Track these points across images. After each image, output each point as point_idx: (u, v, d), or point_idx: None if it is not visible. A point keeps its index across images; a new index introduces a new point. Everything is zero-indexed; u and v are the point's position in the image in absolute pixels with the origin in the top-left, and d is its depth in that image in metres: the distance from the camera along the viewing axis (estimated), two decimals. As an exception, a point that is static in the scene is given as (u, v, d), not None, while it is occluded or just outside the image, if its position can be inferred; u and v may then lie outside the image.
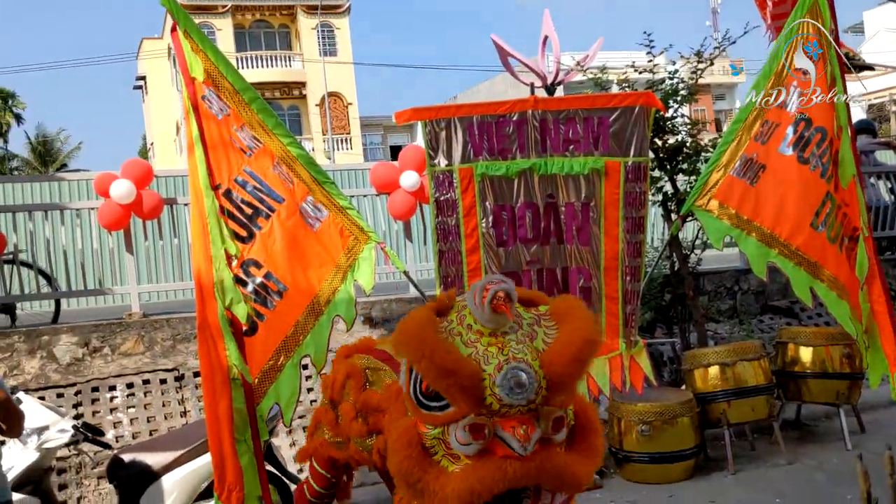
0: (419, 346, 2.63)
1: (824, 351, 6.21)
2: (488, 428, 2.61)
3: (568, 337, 2.70)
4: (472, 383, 2.59)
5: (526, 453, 2.60)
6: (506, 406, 2.60)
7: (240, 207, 4.32)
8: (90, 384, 6.09)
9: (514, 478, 2.58)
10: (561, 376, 2.66)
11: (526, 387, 2.60)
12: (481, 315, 2.73)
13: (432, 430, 2.74)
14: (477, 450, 2.63)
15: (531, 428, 2.60)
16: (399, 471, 2.75)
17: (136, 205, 6.55)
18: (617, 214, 5.33)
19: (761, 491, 5.28)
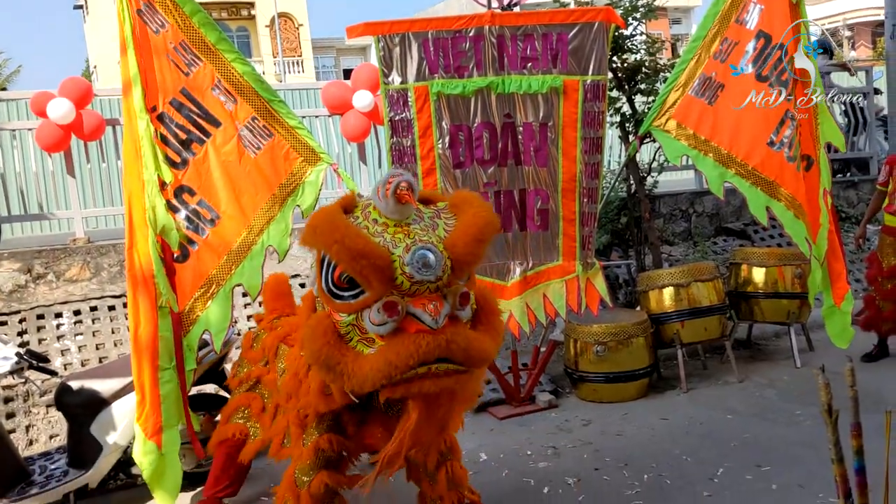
0: (331, 233, 2.78)
1: (776, 271, 6.28)
2: (401, 305, 2.78)
3: (468, 220, 2.96)
4: (383, 263, 2.76)
5: (437, 326, 2.78)
6: (416, 284, 2.80)
7: (174, 132, 4.15)
8: (35, 311, 5.91)
9: (427, 350, 2.74)
10: (464, 255, 2.90)
11: (433, 265, 2.81)
12: (386, 206, 2.92)
13: (346, 318, 2.89)
14: (391, 329, 2.80)
15: (440, 304, 2.81)
16: (318, 357, 2.87)
17: (75, 125, 6.27)
18: (575, 135, 5.25)
19: (713, 408, 5.38)
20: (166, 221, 4.00)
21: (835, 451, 1.53)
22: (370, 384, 2.82)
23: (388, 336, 2.82)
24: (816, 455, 4.35)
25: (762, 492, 4.01)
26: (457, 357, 2.83)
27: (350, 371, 2.84)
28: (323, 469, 3.38)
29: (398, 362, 2.75)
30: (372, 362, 2.80)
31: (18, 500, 4.16)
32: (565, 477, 4.43)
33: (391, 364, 2.75)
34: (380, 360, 2.78)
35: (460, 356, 2.84)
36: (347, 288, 2.87)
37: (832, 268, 5.06)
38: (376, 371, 2.78)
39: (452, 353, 2.81)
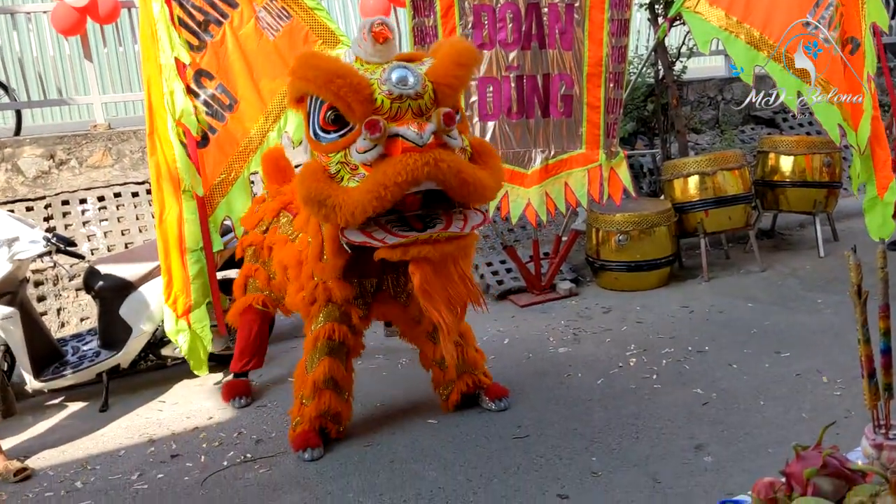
0: (310, 65, 2.92)
1: (804, 160, 6.16)
2: (383, 122, 2.85)
3: (446, 49, 3.11)
4: (361, 82, 2.86)
5: (423, 143, 2.85)
6: (396, 101, 2.89)
7: (191, 14, 4.05)
8: (59, 197, 5.94)
9: (415, 166, 2.80)
10: (445, 77, 3.01)
11: (411, 83, 2.90)
12: (367, 50, 3.02)
13: (335, 157, 2.99)
14: (377, 155, 2.89)
15: (424, 123, 2.89)
16: (308, 195, 2.95)
17: (90, 8, 6.13)
18: (602, 17, 5.08)
19: (734, 297, 5.39)
20: (185, 106, 3.96)
21: (861, 332, 1.51)
22: (361, 209, 2.85)
23: (375, 162, 2.89)
24: (836, 342, 4.37)
25: (781, 377, 4.05)
26: (449, 180, 2.87)
27: (341, 201, 2.88)
28: (327, 356, 3.50)
29: (386, 181, 2.80)
30: (361, 186, 2.88)
31: (53, 378, 4.31)
32: (584, 362, 4.50)
33: (380, 183, 2.80)
34: (368, 181, 2.85)
35: (453, 179, 2.88)
36: (334, 129, 2.99)
37: (876, 156, 4.78)
38: (366, 192, 2.83)
39: (443, 174, 2.84)
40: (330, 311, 3.55)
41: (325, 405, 3.55)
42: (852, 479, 1.29)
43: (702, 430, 3.58)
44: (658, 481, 3.16)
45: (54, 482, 3.60)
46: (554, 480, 3.24)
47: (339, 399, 3.61)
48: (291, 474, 3.48)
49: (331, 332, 3.52)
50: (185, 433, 4.02)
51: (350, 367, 3.68)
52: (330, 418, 3.61)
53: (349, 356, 3.65)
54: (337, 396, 3.59)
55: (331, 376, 3.52)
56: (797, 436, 3.31)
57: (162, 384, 4.66)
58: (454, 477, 3.33)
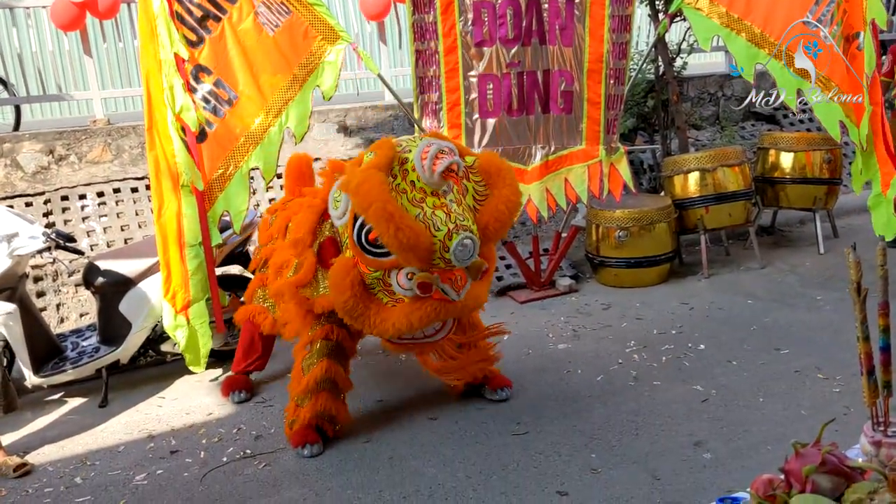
0: (382, 209, 2.90)
1: (805, 156, 6.16)
2: (435, 285, 3.07)
3: (499, 203, 3.19)
4: (427, 250, 3.00)
5: (458, 300, 3.14)
6: (450, 266, 3.07)
7: (189, 9, 4.03)
8: (59, 193, 5.94)
9: (444, 315, 3.17)
10: (493, 236, 3.26)
11: (471, 252, 3.07)
12: (428, 179, 3.08)
13: (374, 273, 3.18)
14: (416, 293, 3.10)
15: (464, 279, 3.12)
16: (344, 308, 3.20)
17: (90, 3, 6.12)
18: (603, 13, 5.07)
19: (734, 293, 5.39)
20: (184, 101, 3.96)
21: (861, 329, 1.51)
22: (389, 336, 3.26)
23: (411, 298, 3.13)
24: (835, 339, 4.38)
25: (780, 374, 4.05)
26: (460, 315, 3.40)
27: (373, 322, 3.20)
28: (325, 357, 3.56)
29: (418, 325, 3.13)
30: (395, 319, 3.14)
31: (53, 374, 4.31)
32: (584, 358, 4.50)
33: (412, 325, 3.12)
34: (403, 319, 3.12)
35: (463, 315, 3.47)
36: (380, 247, 3.06)
37: (879, 152, 4.76)
38: (398, 328, 3.14)
39: (460, 314, 3.35)
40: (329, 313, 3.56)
41: (322, 406, 3.57)
42: (851, 476, 1.29)
43: (701, 426, 3.58)
44: (657, 478, 3.17)
45: (54, 478, 3.60)
46: (553, 477, 3.24)
47: (335, 400, 3.63)
48: (291, 470, 3.48)
49: (328, 333, 3.56)
50: (185, 429, 4.02)
51: (347, 369, 3.69)
52: (326, 419, 3.62)
53: (347, 359, 3.67)
54: (333, 398, 3.61)
55: (329, 377, 3.54)
56: (796, 432, 3.31)
57: (161, 380, 4.66)
58: (453, 473, 3.33)
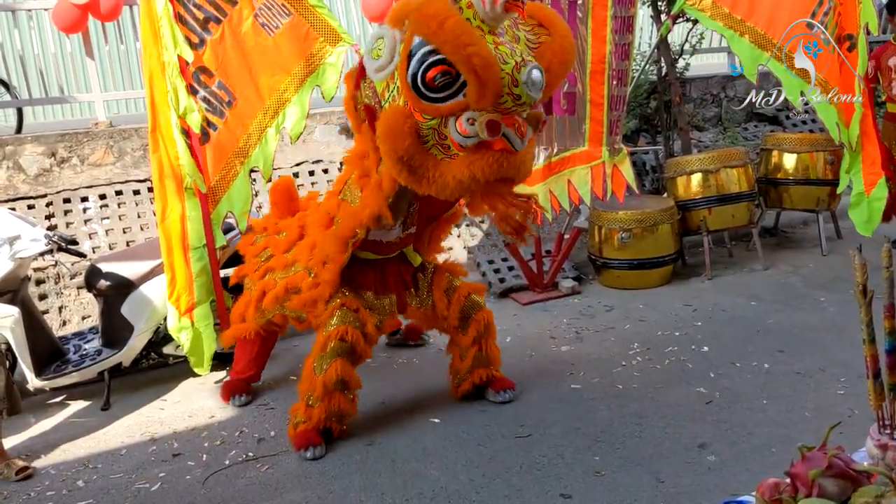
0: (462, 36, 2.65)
1: (808, 157, 6.14)
2: (503, 126, 2.79)
3: (560, 44, 2.96)
4: (499, 79, 2.71)
5: (521, 149, 2.88)
6: (518, 104, 2.80)
7: (191, 11, 4.03)
8: (61, 195, 5.94)
9: (506, 169, 2.85)
10: (555, 80, 2.98)
11: (540, 86, 2.83)
12: (486, 12, 2.76)
13: (430, 121, 2.85)
14: (478, 142, 2.81)
15: (525, 126, 2.87)
16: (400, 155, 2.87)
17: (92, 5, 6.11)
18: (605, 14, 5.04)
19: (737, 295, 5.38)
20: (187, 103, 3.96)
21: (867, 332, 1.49)
22: (449, 193, 2.95)
23: (470, 148, 2.83)
24: (839, 341, 4.36)
25: (783, 375, 4.04)
26: (520, 176, 3.03)
27: (432, 176, 2.90)
28: (339, 357, 3.50)
29: (481, 178, 2.83)
30: (456, 172, 2.86)
31: (55, 377, 4.30)
32: (587, 360, 4.48)
33: (474, 178, 2.83)
34: (465, 172, 2.83)
35: (521, 178, 3.06)
36: (438, 90, 2.77)
37: (865, 153, 4.87)
38: (458, 182, 2.87)
39: (520, 174, 3.00)
40: (344, 314, 3.56)
41: (336, 407, 3.56)
42: (857, 480, 1.28)
43: (705, 429, 3.57)
44: (661, 480, 3.15)
45: (56, 481, 3.60)
46: (557, 480, 3.23)
47: (347, 400, 3.62)
48: (293, 473, 3.47)
49: (343, 334, 3.51)
50: (187, 432, 4.02)
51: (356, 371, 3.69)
52: (335, 418, 3.61)
53: (358, 362, 3.65)
54: (345, 398, 3.60)
55: (341, 378, 3.51)
56: (800, 435, 3.30)
57: (164, 383, 4.66)
58: (456, 476, 3.32)
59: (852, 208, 4.96)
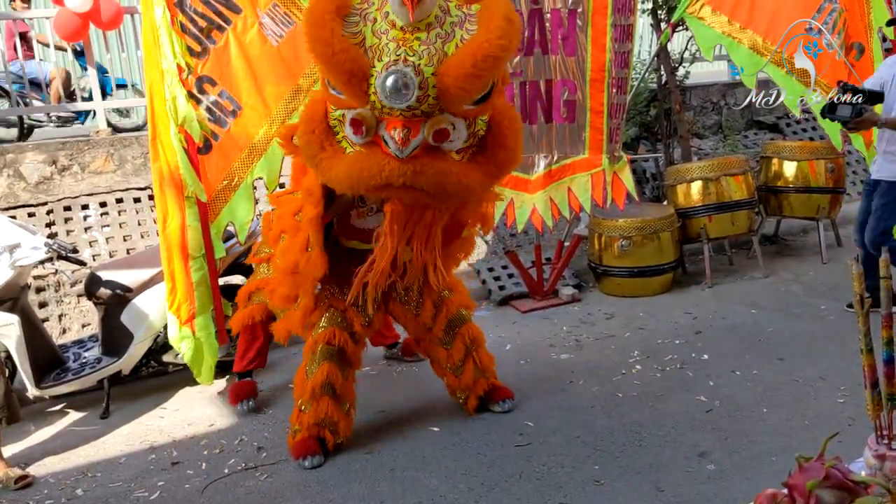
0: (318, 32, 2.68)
1: (808, 165, 6.14)
2: (366, 125, 2.73)
3: (471, 48, 2.67)
4: (357, 77, 2.65)
5: (402, 156, 2.71)
6: (387, 108, 2.69)
7: (193, 20, 4.03)
8: (61, 203, 5.94)
9: (390, 176, 2.72)
10: (453, 88, 2.68)
11: (404, 93, 2.63)
12: (392, 4, 2.71)
13: (335, 112, 2.89)
14: (364, 142, 2.79)
15: (413, 132, 2.68)
16: (303, 145, 2.97)
17: (93, 14, 6.14)
18: (605, 22, 5.06)
19: (737, 303, 5.37)
20: (187, 112, 3.95)
21: (864, 342, 1.49)
22: (337, 186, 2.94)
23: (364, 146, 2.82)
24: (839, 349, 4.35)
25: (784, 384, 4.03)
26: (425, 186, 2.77)
27: (323, 167, 2.91)
28: (326, 361, 3.48)
29: (360, 179, 2.77)
30: (340, 168, 2.84)
31: (54, 385, 4.29)
32: (587, 368, 4.48)
33: (354, 178, 2.80)
34: (346, 169, 2.82)
35: (430, 186, 2.78)
36: None
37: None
38: (342, 179, 2.85)
39: (418, 183, 2.75)
40: (332, 316, 3.55)
41: (324, 412, 3.53)
42: (855, 490, 1.28)
43: (705, 437, 3.56)
44: (661, 489, 3.15)
45: (55, 489, 3.59)
46: (556, 489, 3.22)
47: (338, 408, 3.58)
48: (293, 482, 3.47)
49: (331, 337, 3.50)
50: (186, 440, 4.01)
51: (351, 378, 3.65)
52: (328, 427, 3.58)
53: (350, 367, 3.62)
54: (336, 405, 3.56)
55: (329, 382, 3.49)
56: (800, 444, 3.30)
57: (163, 391, 4.65)
58: (455, 485, 3.32)
59: None
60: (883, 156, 4.59)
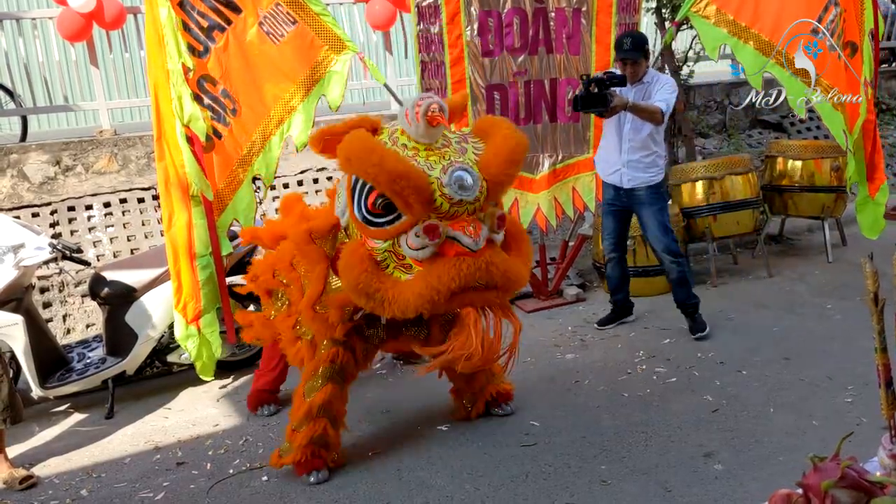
0: (368, 156, 2.74)
1: (813, 164, 6.13)
2: (442, 228, 2.78)
3: (499, 142, 2.92)
4: (422, 184, 2.74)
5: (477, 248, 2.81)
6: (455, 205, 2.80)
7: (195, 20, 4.03)
8: (65, 203, 5.94)
9: (468, 273, 2.78)
10: (498, 176, 2.90)
11: (470, 186, 2.80)
12: (416, 130, 2.87)
13: (382, 245, 2.91)
14: (430, 254, 2.82)
15: (479, 226, 2.83)
16: (356, 285, 2.89)
17: (96, 13, 6.14)
18: (609, 21, 5.07)
19: (742, 302, 5.36)
20: (192, 111, 3.95)
21: (878, 341, 1.48)
22: (413, 309, 2.85)
23: (426, 261, 2.83)
24: (846, 348, 4.34)
25: (790, 384, 4.02)
26: (496, 280, 2.86)
27: (391, 297, 2.86)
28: (329, 382, 3.42)
29: (440, 287, 2.77)
30: (413, 287, 2.81)
31: (59, 386, 4.29)
32: (592, 368, 4.46)
33: (433, 289, 2.77)
34: (421, 284, 2.79)
35: (499, 279, 2.88)
36: (383, 214, 2.86)
37: (869, 158, 4.93)
38: (418, 296, 2.80)
39: (492, 277, 2.84)
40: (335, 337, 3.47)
41: (318, 431, 3.41)
42: (871, 491, 1.26)
43: (711, 437, 3.54)
44: (668, 490, 3.13)
45: (60, 490, 3.58)
46: (563, 489, 3.21)
47: (333, 430, 3.49)
48: (298, 483, 3.45)
49: (334, 357, 3.41)
50: (191, 440, 4.01)
51: (346, 395, 3.55)
52: (322, 446, 3.47)
53: (346, 384, 3.53)
54: (331, 426, 3.46)
55: (329, 402, 3.41)
56: (808, 443, 3.28)
57: (168, 391, 4.65)
58: (461, 485, 3.30)
59: (859, 212, 5.08)
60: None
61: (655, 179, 4.67)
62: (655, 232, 4.72)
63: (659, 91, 4.46)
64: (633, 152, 4.60)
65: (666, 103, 4.43)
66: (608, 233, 4.91)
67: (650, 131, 4.55)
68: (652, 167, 4.64)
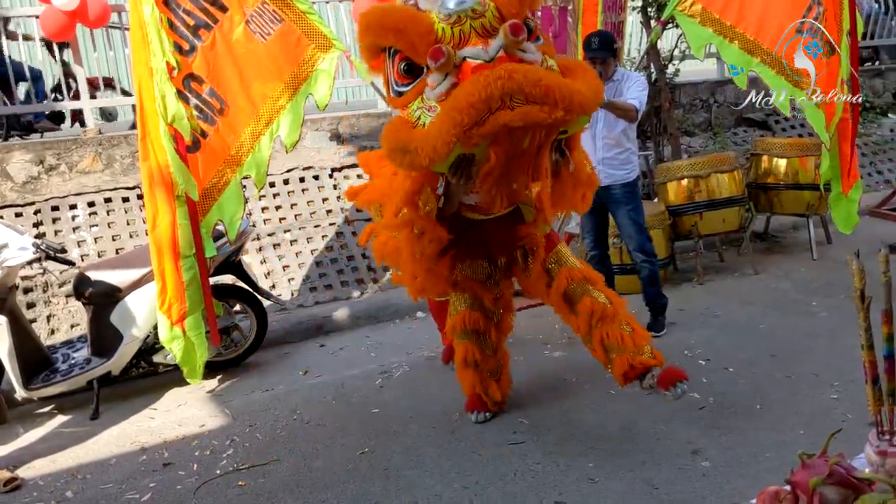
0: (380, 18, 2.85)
1: (798, 162, 6.17)
2: (446, 48, 2.65)
3: None
4: (424, 26, 2.74)
5: (491, 57, 2.67)
6: (456, 24, 2.70)
7: (181, 18, 4.01)
8: (49, 203, 5.90)
9: (487, 83, 2.55)
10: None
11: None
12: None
13: (413, 105, 2.87)
14: (449, 85, 2.70)
15: (490, 40, 2.69)
16: (392, 147, 2.89)
17: (80, 12, 6.08)
18: (595, 19, 5.08)
19: (728, 300, 5.38)
20: (177, 110, 3.92)
21: (865, 337, 1.48)
22: (441, 141, 2.64)
23: (446, 92, 2.70)
24: (831, 345, 4.36)
25: (777, 381, 4.03)
26: (528, 88, 2.57)
27: (421, 141, 2.72)
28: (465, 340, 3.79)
29: (459, 105, 2.58)
30: (436, 122, 2.69)
31: (43, 387, 4.26)
32: (579, 366, 4.47)
33: (454, 109, 2.60)
34: (443, 115, 2.65)
35: (533, 90, 2.57)
36: (409, 81, 2.89)
37: (842, 155, 4.99)
38: (441, 125, 2.64)
39: (520, 85, 2.56)
40: (461, 299, 3.74)
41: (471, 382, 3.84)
42: (859, 487, 1.27)
43: (698, 434, 3.55)
44: (655, 487, 3.14)
45: (44, 492, 3.55)
46: (551, 487, 3.21)
47: (484, 378, 3.83)
48: (285, 482, 3.44)
49: (464, 321, 3.71)
50: (177, 441, 3.98)
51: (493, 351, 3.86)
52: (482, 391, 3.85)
53: (489, 342, 3.82)
54: (480, 376, 3.82)
55: (471, 358, 3.77)
56: (794, 440, 3.30)
57: (153, 391, 4.62)
58: (450, 484, 3.30)
59: (832, 208, 5.17)
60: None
61: (630, 177, 4.70)
62: (629, 231, 4.77)
63: (631, 89, 4.50)
64: (608, 150, 4.63)
65: (639, 101, 4.48)
66: (587, 231, 4.95)
67: (623, 128, 4.58)
68: (626, 164, 4.68)
